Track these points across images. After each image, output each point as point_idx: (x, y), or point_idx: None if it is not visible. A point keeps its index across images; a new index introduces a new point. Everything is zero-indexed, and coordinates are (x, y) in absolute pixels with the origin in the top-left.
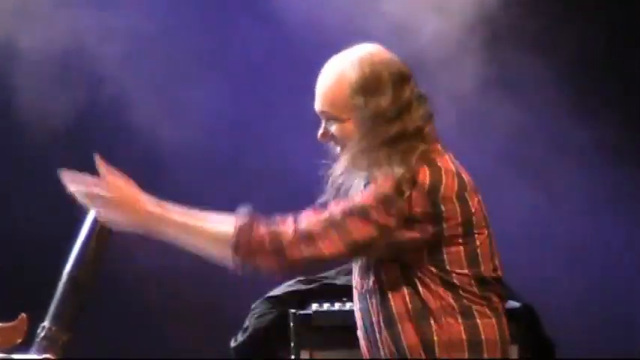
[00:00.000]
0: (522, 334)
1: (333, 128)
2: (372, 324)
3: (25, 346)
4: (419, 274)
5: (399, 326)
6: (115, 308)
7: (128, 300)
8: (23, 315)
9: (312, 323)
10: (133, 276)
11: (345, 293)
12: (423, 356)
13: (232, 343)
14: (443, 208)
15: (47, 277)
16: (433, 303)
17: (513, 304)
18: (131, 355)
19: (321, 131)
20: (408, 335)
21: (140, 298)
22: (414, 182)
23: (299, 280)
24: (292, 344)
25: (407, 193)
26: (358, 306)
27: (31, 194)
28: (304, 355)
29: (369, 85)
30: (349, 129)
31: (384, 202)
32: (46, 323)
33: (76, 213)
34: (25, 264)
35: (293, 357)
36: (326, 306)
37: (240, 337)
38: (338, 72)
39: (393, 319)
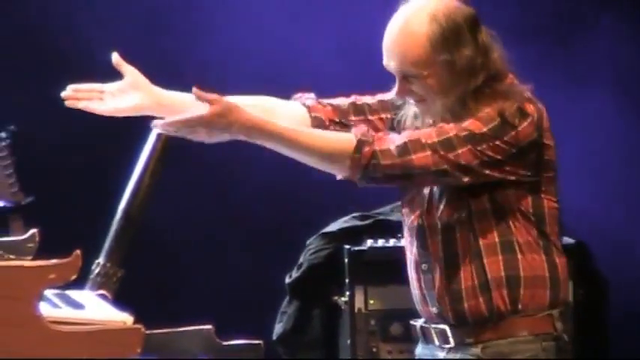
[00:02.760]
0: (576, 271)
1: (413, 85)
2: (451, 256)
3: (79, 283)
4: (510, 207)
5: (485, 259)
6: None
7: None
8: (78, 251)
9: (367, 259)
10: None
11: (400, 229)
12: (505, 290)
13: (287, 279)
14: (544, 139)
15: (100, 212)
16: (520, 237)
17: (567, 240)
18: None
19: (397, 89)
20: (494, 268)
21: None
22: (522, 113)
23: (354, 217)
24: (347, 280)
25: (516, 123)
26: (428, 240)
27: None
28: (359, 291)
29: (449, 38)
30: (431, 84)
31: (495, 131)
32: (100, 260)
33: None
34: (79, 198)
35: (348, 293)
36: (381, 242)
37: (295, 273)
38: (414, 29)
39: (479, 251)
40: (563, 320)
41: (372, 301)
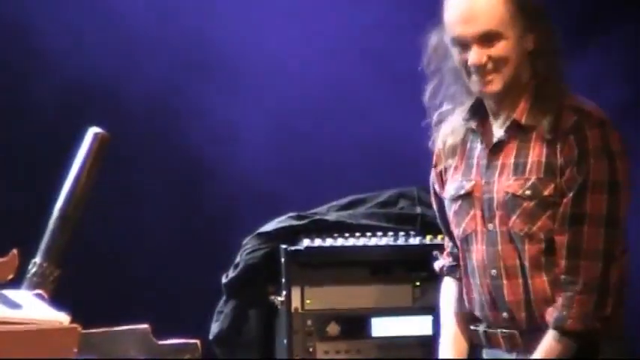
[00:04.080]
0: None
1: (493, 49)
2: (523, 265)
3: (16, 283)
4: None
5: (557, 268)
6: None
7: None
8: (14, 251)
9: (303, 259)
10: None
11: (337, 229)
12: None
13: (224, 279)
14: None
15: (36, 212)
16: (586, 244)
17: None
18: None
19: (479, 56)
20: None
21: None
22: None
23: (290, 216)
24: (283, 280)
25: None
26: (499, 247)
27: None
28: (295, 291)
29: (530, 7)
30: (512, 47)
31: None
32: (37, 259)
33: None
34: (14, 198)
35: (284, 293)
36: (317, 242)
37: (232, 273)
38: None
39: (552, 259)
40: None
41: (308, 301)
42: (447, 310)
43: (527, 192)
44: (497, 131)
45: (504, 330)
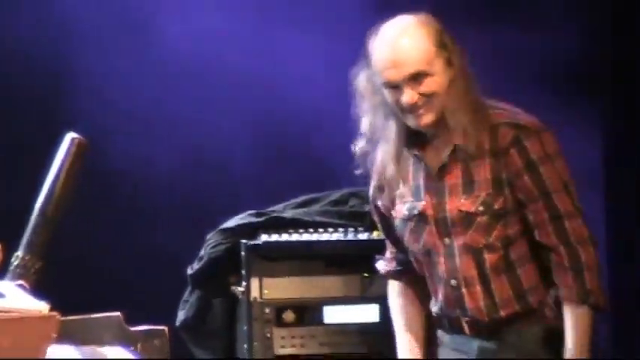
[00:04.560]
0: None
1: (422, 86)
2: (484, 273)
3: (0, 275)
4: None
5: (519, 270)
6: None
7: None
8: None
9: (262, 253)
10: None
11: (293, 225)
12: (543, 293)
13: (189, 271)
14: None
15: (19, 209)
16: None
17: None
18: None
19: (410, 96)
20: (528, 276)
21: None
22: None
23: (249, 214)
24: (243, 272)
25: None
26: (457, 259)
27: None
28: (254, 281)
29: (442, 38)
30: (439, 80)
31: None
32: (19, 252)
33: None
34: None
35: (244, 284)
36: (274, 237)
37: (196, 265)
38: (415, 32)
39: (512, 264)
40: None
41: (266, 291)
42: (397, 316)
43: (480, 208)
44: (439, 155)
45: (467, 322)
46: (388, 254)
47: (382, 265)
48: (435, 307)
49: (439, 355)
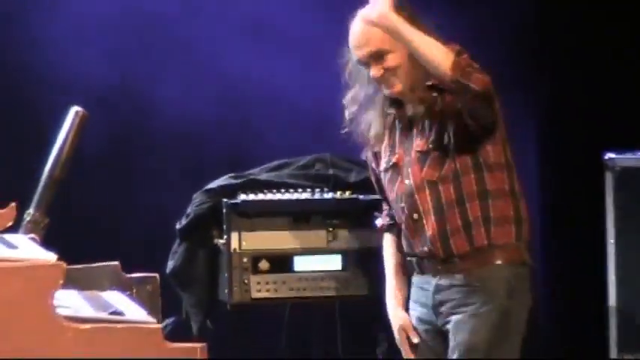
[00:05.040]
0: None
1: (386, 61)
2: (441, 206)
3: (14, 229)
4: (484, 160)
5: (468, 205)
6: None
7: None
8: (13, 204)
9: (240, 210)
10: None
11: (267, 186)
12: (483, 228)
13: (177, 226)
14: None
15: (30, 173)
16: (491, 186)
17: None
18: None
19: (376, 71)
20: (475, 212)
21: None
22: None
23: (230, 176)
24: (224, 227)
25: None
26: (415, 196)
27: None
28: (234, 235)
29: (401, 16)
30: (400, 55)
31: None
32: (30, 210)
33: None
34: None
35: (225, 237)
36: (252, 196)
37: (184, 221)
38: (373, 17)
39: (463, 198)
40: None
41: (244, 243)
42: (388, 262)
43: (431, 145)
44: (409, 112)
45: (428, 260)
46: (383, 211)
47: (378, 221)
48: (407, 249)
49: (411, 294)
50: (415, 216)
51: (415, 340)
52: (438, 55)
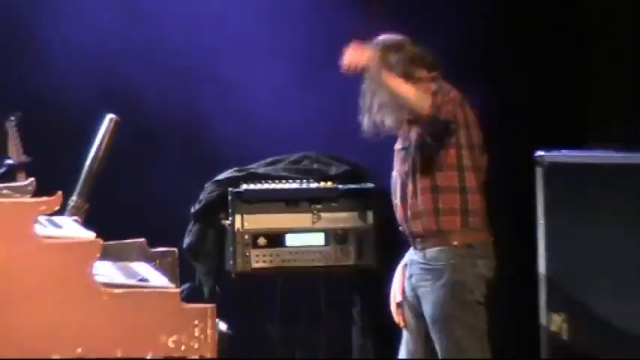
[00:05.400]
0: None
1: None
2: (406, 194)
3: (60, 212)
4: (438, 162)
5: (421, 197)
6: None
7: None
8: (59, 192)
9: (243, 197)
10: None
11: (264, 178)
12: (433, 216)
13: (192, 210)
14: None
15: (74, 168)
16: (442, 182)
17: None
18: None
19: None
20: (427, 203)
21: None
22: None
23: (234, 170)
24: (230, 210)
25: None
26: (398, 182)
27: None
28: (237, 217)
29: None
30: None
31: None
32: (73, 197)
33: None
34: (60, 158)
35: (231, 219)
36: (252, 186)
37: (197, 206)
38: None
39: (417, 191)
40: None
41: (246, 223)
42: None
43: (405, 144)
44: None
45: (409, 237)
46: None
47: None
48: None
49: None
50: (395, 200)
51: (398, 298)
52: (418, 100)
